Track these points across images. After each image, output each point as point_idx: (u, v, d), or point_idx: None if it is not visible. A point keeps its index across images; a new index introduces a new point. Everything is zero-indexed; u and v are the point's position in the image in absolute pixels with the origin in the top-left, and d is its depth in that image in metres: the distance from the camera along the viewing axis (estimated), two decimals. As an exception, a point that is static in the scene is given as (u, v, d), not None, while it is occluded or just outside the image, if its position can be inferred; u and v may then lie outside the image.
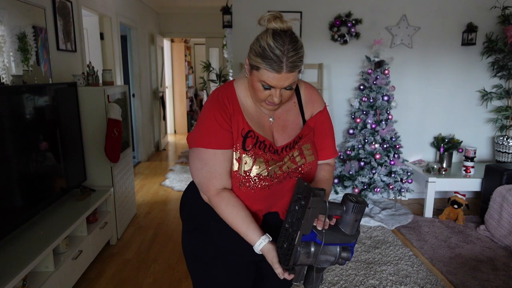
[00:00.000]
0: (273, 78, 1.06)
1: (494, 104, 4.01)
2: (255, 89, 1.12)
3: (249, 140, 1.14)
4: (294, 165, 1.19)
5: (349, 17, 3.75)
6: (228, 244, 1.23)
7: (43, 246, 2.01)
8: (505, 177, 3.23)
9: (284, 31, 1.07)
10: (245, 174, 1.14)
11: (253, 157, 1.14)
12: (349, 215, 0.99)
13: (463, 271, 2.65)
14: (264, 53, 1.05)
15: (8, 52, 2.36)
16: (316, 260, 1.01)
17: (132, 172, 3.58)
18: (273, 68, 1.05)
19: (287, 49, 1.05)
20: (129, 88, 5.12)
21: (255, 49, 1.07)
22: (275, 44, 1.04)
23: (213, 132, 1.13)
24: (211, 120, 1.13)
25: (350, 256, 1.03)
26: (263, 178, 1.14)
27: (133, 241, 3.13)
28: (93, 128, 2.89)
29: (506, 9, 3.72)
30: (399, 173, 3.57)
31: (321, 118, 1.27)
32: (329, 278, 2.55)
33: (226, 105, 1.15)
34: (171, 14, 6.81)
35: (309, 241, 1.00)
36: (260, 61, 1.05)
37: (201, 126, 1.16)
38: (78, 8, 3.40)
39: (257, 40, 1.08)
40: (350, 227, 1.00)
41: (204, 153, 1.14)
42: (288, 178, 1.18)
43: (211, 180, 1.13)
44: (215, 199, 1.14)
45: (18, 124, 2.11)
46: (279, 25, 1.07)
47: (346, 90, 3.95)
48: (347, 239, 1.01)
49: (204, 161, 1.13)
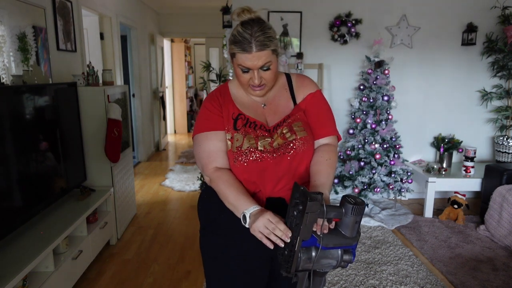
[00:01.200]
0: (246, 58, 1.16)
1: (494, 104, 4.01)
2: (238, 75, 1.23)
3: (239, 121, 1.26)
4: (284, 140, 1.21)
5: (349, 17, 3.75)
6: (239, 235, 1.20)
7: (43, 246, 2.01)
8: (505, 177, 3.23)
9: (252, 19, 1.18)
10: (237, 150, 1.22)
11: (243, 134, 1.23)
12: (349, 217, 0.97)
13: (463, 271, 2.65)
14: (235, 38, 1.17)
15: (8, 52, 2.36)
16: (318, 264, 0.99)
17: (132, 172, 3.58)
18: (244, 49, 1.15)
19: (254, 31, 1.15)
20: (129, 88, 5.12)
21: (229, 38, 1.20)
22: (243, 29, 1.16)
23: (204, 118, 1.27)
24: (203, 110, 1.29)
25: (352, 258, 1.01)
26: (253, 151, 1.21)
27: (133, 241, 3.13)
28: (93, 128, 2.89)
29: (506, 9, 3.72)
30: (399, 173, 3.57)
31: (313, 99, 1.31)
32: (329, 278, 2.55)
33: (217, 96, 1.29)
34: (171, 14, 6.81)
35: (310, 246, 0.98)
36: (233, 46, 1.17)
37: (197, 119, 1.32)
38: (78, 8, 3.40)
39: (231, 32, 1.21)
40: (350, 229, 0.99)
41: (199, 138, 1.26)
42: (282, 155, 1.20)
43: (208, 159, 1.23)
44: (213, 176, 1.23)
45: (18, 124, 2.11)
46: (247, 16, 1.18)
47: (346, 90, 3.95)
48: (347, 242, 1.00)
49: (200, 144, 1.25)
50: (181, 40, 8.27)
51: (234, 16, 1.20)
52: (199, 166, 1.29)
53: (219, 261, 1.31)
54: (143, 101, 5.76)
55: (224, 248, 1.30)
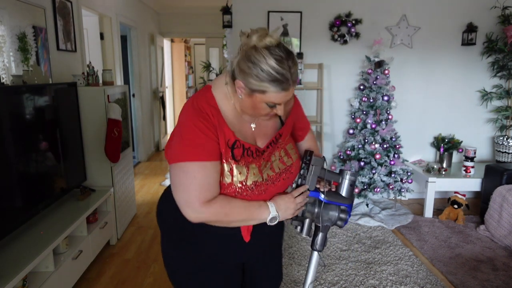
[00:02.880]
0: (281, 96, 1.05)
1: (494, 104, 4.01)
2: (257, 108, 1.08)
3: (236, 150, 1.11)
4: (284, 165, 1.21)
5: (349, 17, 3.75)
6: (214, 248, 1.21)
7: (43, 246, 2.01)
8: (505, 177, 3.23)
9: (278, 46, 1.03)
10: (241, 185, 1.10)
11: (246, 166, 1.11)
12: (345, 180, 1.24)
13: (463, 271, 2.65)
14: (270, 77, 1.01)
15: (8, 52, 2.36)
16: (319, 218, 1.22)
17: (132, 172, 3.58)
18: (282, 89, 1.03)
19: (288, 65, 1.02)
20: (129, 88, 5.12)
21: (256, 74, 1.01)
22: (278, 65, 1.00)
23: (199, 143, 1.06)
24: (193, 130, 1.06)
25: (348, 217, 1.23)
26: (259, 184, 1.13)
27: (133, 241, 3.13)
28: (93, 128, 2.89)
29: (506, 9, 3.72)
30: (399, 173, 3.57)
31: (294, 109, 1.31)
32: (329, 278, 2.55)
33: (208, 115, 1.08)
34: (171, 14, 6.81)
35: (315, 197, 1.22)
36: (267, 85, 1.02)
37: (183, 138, 1.07)
38: (78, 8, 3.40)
39: (253, 64, 1.01)
40: (346, 190, 1.24)
41: (191, 167, 1.05)
42: (281, 180, 1.20)
43: (202, 194, 1.05)
44: (213, 207, 1.07)
45: (18, 124, 2.11)
46: (270, 41, 1.02)
47: (346, 90, 3.95)
48: (344, 201, 1.23)
49: (193, 175, 1.05)
50: (181, 40, 8.27)
51: (255, 42, 1.01)
52: (182, 199, 1.07)
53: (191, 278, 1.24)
54: (143, 101, 5.76)
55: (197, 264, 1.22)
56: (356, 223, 3.45)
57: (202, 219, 1.09)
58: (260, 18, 3.76)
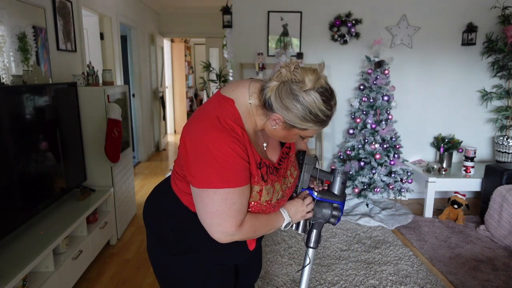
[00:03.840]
0: (316, 131, 1.07)
1: (494, 104, 4.01)
2: (289, 138, 1.10)
3: (263, 170, 1.09)
4: (293, 179, 1.25)
5: (349, 17, 3.75)
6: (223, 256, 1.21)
7: (43, 246, 2.01)
8: (505, 177, 3.23)
9: (325, 87, 1.01)
10: (266, 204, 1.11)
11: (272, 185, 1.11)
12: (337, 178, 1.28)
13: (463, 271, 2.65)
14: (316, 118, 1.00)
15: (8, 52, 2.36)
16: (314, 213, 1.27)
17: (132, 172, 3.58)
18: (322, 126, 1.05)
19: (331, 105, 1.02)
20: (129, 88, 5.13)
21: (303, 115, 0.99)
22: (326, 108, 1.00)
23: (238, 169, 1.01)
24: (231, 154, 0.99)
25: (340, 214, 1.28)
26: (280, 200, 1.18)
27: (133, 241, 3.13)
28: (93, 128, 2.89)
29: (506, 9, 3.72)
30: (399, 173, 3.57)
31: None
32: (329, 278, 2.55)
33: (240, 136, 1.02)
34: (171, 14, 6.81)
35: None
36: (312, 125, 1.02)
37: (219, 162, 0.98)
38: (78, 8, 3.40)
39: (302, 104, 0.98)
40: (337, 188, 1.28)
41: (231, 194, 1.00)
42: (291, 190, 1.25)
43: (239, 217, 1.04)
44: (243, 228, 1.06)
45: (18, 124, 2.11)
46: (321, 84, 0.99)
47: (346, 90, 3.95)
48: (336, 198, 1.28)
49: (232, 201, 1.01)
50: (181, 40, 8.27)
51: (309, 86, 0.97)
52: (211, 223, 1.03)
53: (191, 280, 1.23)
54: (143, 101, 5.76)
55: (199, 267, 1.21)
56: (356, 223, 3.45)
57: (233, 240, 1.07)
58: (260, 18, 3.76)
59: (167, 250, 1.22)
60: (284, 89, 0.99)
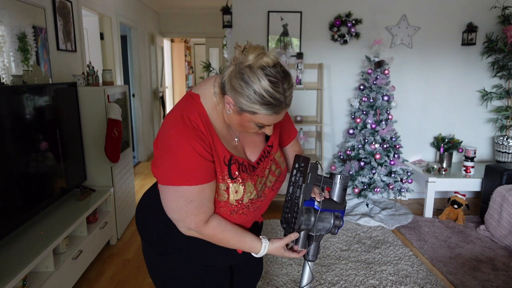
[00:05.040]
0: (272, 119, 1.00)
1: (494, 104, 4.01)
2: (245, 126, 1.03)
3: (233, 166, 1.06)
4: (274, 177, 1.21)
5: (349, 17, 3.75)
6: (209, 258, 1.20)
7: (43, 246, 2.01)
8: (505, 177, 3.23)
9: (274, 65, 0.95)
10: (237, 203, 1.07)
11: (242, 184, 1.07)
12: (337, 185, 1.16)
13: (463, 271, 2.65)
14: (262, 100, 0.94)
15: (8, 52, 2.36)
16: (316, 225, 1.16)
17: (132, 172, 3.58)
18: (274, 112, 0.97)
19: (283, 89, 0.95)
20: (129, 88, 5.13)
21: (248, 95, 0.94)
22: (273, 89, 0.94)
23: (197, 167, 0.99)
24: (190, 153, 0.98)
25: (342, 223, 1.18)
26: (255, 201, 1.12)
27: (133, 241, 3.13)
28: (93, 128, 2.89)
29: (506, 9, 3.72)
30: (399, 173, 3.57)
31: None
32: (329, 278, 2.55)
33: (203, 132, 1.01)
34: (171, 14, 6.81)
35: (309, 206, 1.14)
36: (258, 107, 0.95)
37: (178, 160, 0.99)
38: (78, 8, 3.40)
39: (246, 83, 0.94)
40: (339, 196, 1.17)
41: (188, 191, 1.00)
42: (271, 192, 1.20)
43: (199, 216, 1.04)
44: (208, 231, 1.07)
45: (18, 124, 2.11)
46: (266, 62, 0.94)
47: (346, 90, 3.95)
48: (338, 206, 1.18)
49: (190, 198, 1.01)
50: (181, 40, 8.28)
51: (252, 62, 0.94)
52: (177, 218, 1.06)
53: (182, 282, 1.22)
54: (143, 101, 5.76)
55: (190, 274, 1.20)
56: (356, 223, 3.45)
57: (196, 236, 1.09)
58: (260, 18, 3.76)
59: (154, 250, 1.22)
60: (235, 70, 0.97)
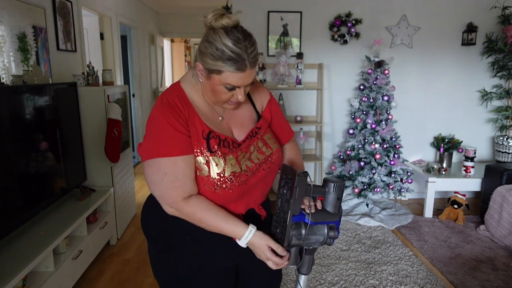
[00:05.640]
0: (238, 78, 1.03)
1: (494, 104, 4.01)
2: (216, 92, 1.07)
3: (212, 141, 1.09)
4: (263, 155, 1.18)
5: (349, 17, 3.75)
6: (207, 255, 1.19)
7: (43, 246, 2.01)
8: (505, 177, 3.23)
9: (235, 26, 1.02)
10: (219, 177, 1.08)
11: (223, 157, 1.08)
12: (331, 195, 1.07)
13: (463, 271, 2.65)
14: (223, 55, 1.00)
15: (8, 52, 2.36)
16: (307, 241, 1.08)
17: (132, 172, 3.58)
18: (237, 69, 1.01)
19: (245, 46, 1.01)
20: (129, 88, 5.12)
21: (211, 53, 1.01)
22: (233, 44, 0.99)
23: (169, 138, 1.04)
24: (164, 125, 1.05)
25: (337, 234, 1.10)
26: (238, 174, 1.10)
27: (133, 241, 3.13)
28: (93, 128, 2.89)
29: (506, 9, 3.72)
30: (399, 173, 3.57)
31: (272, 107, 1.29)
32: (329, 278, 2.55)
33: (179, 107, 1.07)
34: (171, 14, 6.81)
35: (299, 221, 1.07)
36: (222, 64, 1.00)
37: (154, 134, 1.06)
38: (78, 8, 3.40)
39: (209, 43, 1.01)
40: (333, 206, 1.08)
41: (162, 163, 1.04)
42: (261, 171, 1.17)
43: (175, 190, 1.05)
44: (187, 208, 1.06)
45: (18, 124, 2.11)
46: (226, 22, 1.02)
47: (346, 90, 3.95)
48: (332, 218, 1.09)
49: (164, 171, 1.04)
50: (181, 40, 8.27)
51: (209, 22, 1.03)
52: (157, 195, 1.09)
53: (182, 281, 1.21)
54: (143, 101, 5.76)
55: (189, 272, 1.19)
56: (356, 223, 3.45)
57: (177, 215, 1.10)
58: (260, 18, 3.76)
59: (155, 247, 1.23)
60: (202, 37, 1.05)
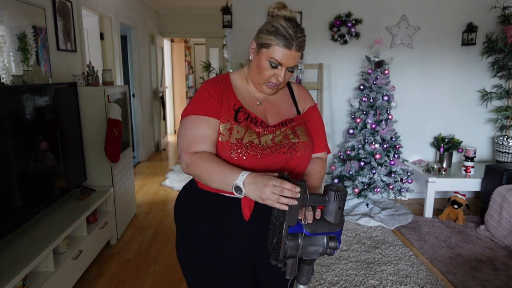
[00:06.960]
0: (284, 54, 1.15)
1: (494, 104, 4.01)
2: (261, 68, 1.19)
3: (240, 114, 1.20)
4: (287, 140, 1.19)
5: (349, 17, 3.75)
6: (221, 243, 1.21)
7: (43, 246, 2.01)
8: (505, 177, 3.23)
9: (293, 18, 1.18)
10: (236, 142, 1.15)
11: (245, 128, 1.18)
12: (332, 204, 1.01)
13: (463, 271, 2.65)
14: (277, 31, 1.14)
15: (8, 52, 2.36)
16: (305, 251, 1.03)
17: (132, 172, 3.58)
18: (285, 44, 1.14)
19: (296, 31, 1.15)
20: (129, 88, 5.12)
21: (267, 29, 1.17)
22: (287, 25, 1.15)
23: (201, 101, 1.20)
24: (201, 92, 1.22)
25: (338, 245, 1.05)
26: (255, 146, 1.15)
27: (133, 241, 3.13)
28: (93, 128, 2.89)
29: (506, 9, 3.72)
30: (399, 173, 3.57)
31: (313, 113, 1.35)
32: (329, 278, 2.55)
33: (219, 82, 1.24)
34: (171, 14, 6.81)
35: (296, 232, 1.01)
36: (273, 37, 1.15)
37: (192, 100, 1.24)
38: (78, 8, 3.40)
39: (268, 22, 1.18)
40: (334, 216, 1.02)
41: (189, 120, 1.18)
42: (281, 153, 1.16)
43: (193, 144, 1.15)
44: (191, 159, 1.12)
45: (18, 124, 2.11)
46: (287, 13, 1.18)
47: (346, 90, 3.95)
48: (332, 228, 1.03)
49: (188, 126, 1.18)
50: (181, 40, 8.27)
51: (272, 9, 1.19)
52: (178, 150, 1.19)
53: (199, 271, 1.26)
54: (143, 101, 5.76)
55: (203, 257, 1.24)
56: (356, 223, 3.45)
57: (186, 171, 1.16)
58: (260, 18, 3.75)
59: (178, 231, 1.32)
60: None
